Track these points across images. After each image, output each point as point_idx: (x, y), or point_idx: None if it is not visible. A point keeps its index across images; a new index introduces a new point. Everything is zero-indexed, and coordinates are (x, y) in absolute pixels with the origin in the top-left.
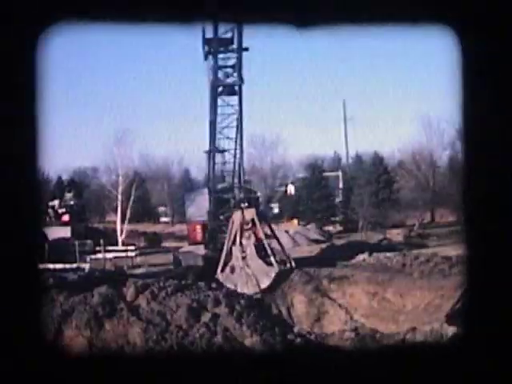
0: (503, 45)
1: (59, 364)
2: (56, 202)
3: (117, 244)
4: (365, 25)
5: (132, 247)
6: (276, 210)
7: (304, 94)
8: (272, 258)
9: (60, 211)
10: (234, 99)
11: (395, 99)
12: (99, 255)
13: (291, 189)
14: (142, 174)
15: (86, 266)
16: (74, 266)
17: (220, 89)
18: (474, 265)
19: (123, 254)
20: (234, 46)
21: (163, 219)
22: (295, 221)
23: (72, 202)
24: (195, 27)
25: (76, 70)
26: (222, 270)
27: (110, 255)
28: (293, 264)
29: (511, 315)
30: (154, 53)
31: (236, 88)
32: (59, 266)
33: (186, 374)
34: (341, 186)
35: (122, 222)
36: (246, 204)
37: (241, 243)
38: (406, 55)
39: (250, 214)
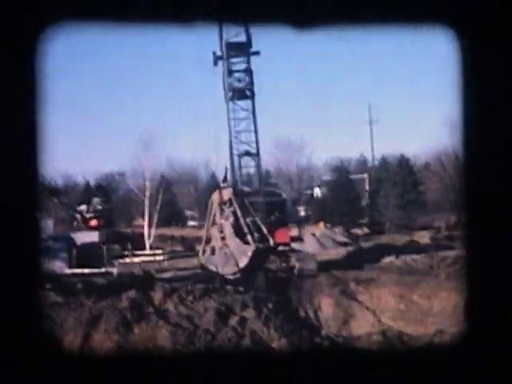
0: (503, 45)
1: (60, 364)
2: (84, 207)
3: (144, 248)
4: (365, 25)
5: (160, 251)
6: (302, 213)
7: (328, 96)
8: (249, 237)
9: (88, 216)
10: (248, 103)
11: (418, 100)
12: (127, 259)
13: (317, 191)
14: (169, 177)
15: (114, 271)
16: (102, 270)
17: (231, 93)
18: (475, 265)
19: (151, 258)
20: (252, 49)
21: (191, 223)
22: (322, 224)
23: (100, 207)
24: (209, 29)
25: (89, 72)
26: (204, 252)
27: (137, 259)
28: (271, 242)
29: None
30: (165, 53)
31: (247, 92)
32: (87, 270)
33: (214, 376)
34: (367, 188)
35: (150, 226)
36: (225, 184)
37: (220, 224)
38: (420, 55)
39: (227, 193)
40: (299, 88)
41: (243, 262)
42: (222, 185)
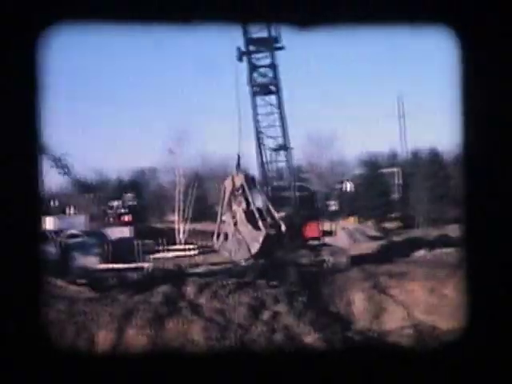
0: (503, 45)
1: (60, 363)
2: (117, 203)
3: (176, 243)
4: (365, 25)
5: (192, 246)
6: (334, 208)
7: (357, 90)
8: (260, 223)
9: (121, 211)
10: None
11: (447, 94)
12: (159, 254)
13: (349, 186)
14: (201, 173)
15: (147, 266)
16: (135, 265)
17: (256, 89)
18: (475, 264)
19: (184, 253)
20: (279, 44)
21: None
22: (353, 218)
23: (132, 203)
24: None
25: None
26: (217, 238)
27: (170, 254)
28: (283, 228)
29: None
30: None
31: (272, 87)
32: (120, 265)
33: (245, 372)
34: (398, 182)
35: (182, 221)
36: (238, 170)
37: (232, 209)
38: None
39: (240, 179)
40: (330, 82)
41: (255, 248)
42: (234, 171)
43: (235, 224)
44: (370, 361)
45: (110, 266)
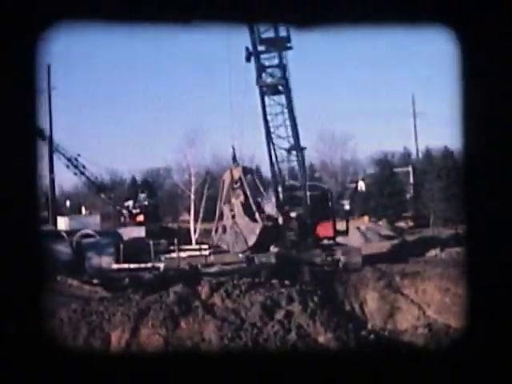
0: (503, 45)
1: (62, 363)
2: (130, 203)
3: (190, 243)
4: (366, 25)
5: (205, 246)
6: (347, 207)
7: (369, 88)
8: (257, 215)
9: (134, 211)
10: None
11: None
12: (173, 254)
13: (362, 185)
14: (214, 172)
15: (161, 265)
16: (149, 265)
17: (264, 89)
18: (475, 265)
19: (197, 253)
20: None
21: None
22: (366, 217)
23: (146, 202)
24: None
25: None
26: (216, 231)
27: (183, 254)
28: (280, 221)
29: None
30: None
31: (280, 88)
32: (134, 265)
33: (258, 371)
34: (411, 181)
35: (195, 220)
36: (236, 163)
37: (230, 202)
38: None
39: (238, 172)
40: (342, 81)
41: (252, 240)
42: (232, 164)
43: (233, 217)
44: (374, 360)
45: (124, 265)
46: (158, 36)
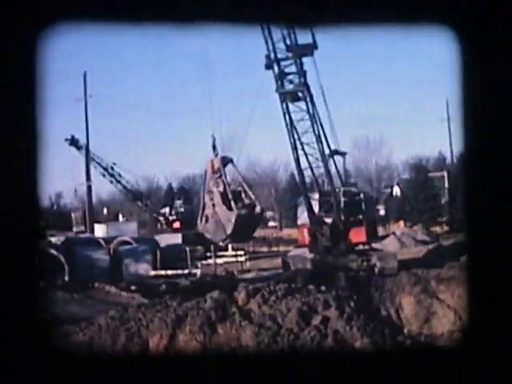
0: (503, 45)
1: (63, 364)
2: (167, 210)
3: (226, 249)
4: (366, 25)
5: (241, 252)
6: (382, 212)
7: (405, 94)
8: (232, 203)
9: (171, 218)
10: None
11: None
12: (210, 261)
13: (397, 190)
14: (249, 179)
15: (198, 272)
16: (186, 271)
17: (284, 95)
18: (476, 267)
19: (233, 259)
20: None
21: (271, 223)
22: (401, 222)
23: (182, 209)
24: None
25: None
26: (201, 220)
27: (220, 260)
28: (257, 209)
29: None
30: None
31: (300, 94)
32: (171, 272)
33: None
34: (446, 185)
35: None
36: (216, 153)
37: (211, 191)
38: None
39: (217, 162)
40: (376, 87)
41: (229, 229)
42: (213, 153)
43: (213, 206)
44: (410, 364)
45: (161, 272)
46: (185, 38)
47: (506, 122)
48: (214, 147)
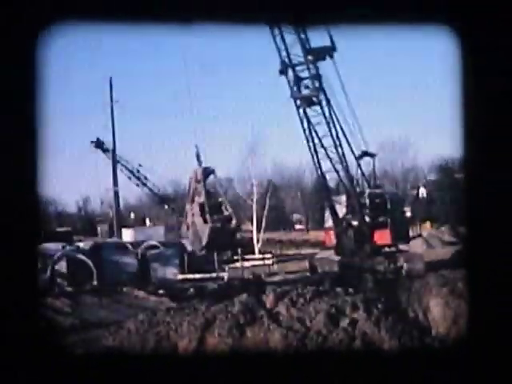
0: (503, 44)
1: (64, 364)
2: None
3: (253, 253)
4: (366, 25)
5: (268, 255)
6: (408, 214)
7: (424, 96)
8: (207, 216)
9: None
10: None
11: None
12: (237, 264)
13: (423, 191)
14: (276, 182)
15: (225, 275)
16: (213, 275)
17: (299, 100)
18: (476, 269)
19: (260, 262)
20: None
21: (298, 226)
22: (428, 223)
23: None
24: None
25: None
26: (185, 227)
27: (247, 264)
28: (233, 222)
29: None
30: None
31: (315, 99)
32: (199, 275)
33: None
34: None
35: (258, 230)
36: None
37: (193, 201)
38: None
39: (200, 173)
40: (399, 89)
41: (204, 240)
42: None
43: (193, 215)
44: (437, 366)
45: (189, 276)
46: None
47: (507, 122)
48: (198, 157)
